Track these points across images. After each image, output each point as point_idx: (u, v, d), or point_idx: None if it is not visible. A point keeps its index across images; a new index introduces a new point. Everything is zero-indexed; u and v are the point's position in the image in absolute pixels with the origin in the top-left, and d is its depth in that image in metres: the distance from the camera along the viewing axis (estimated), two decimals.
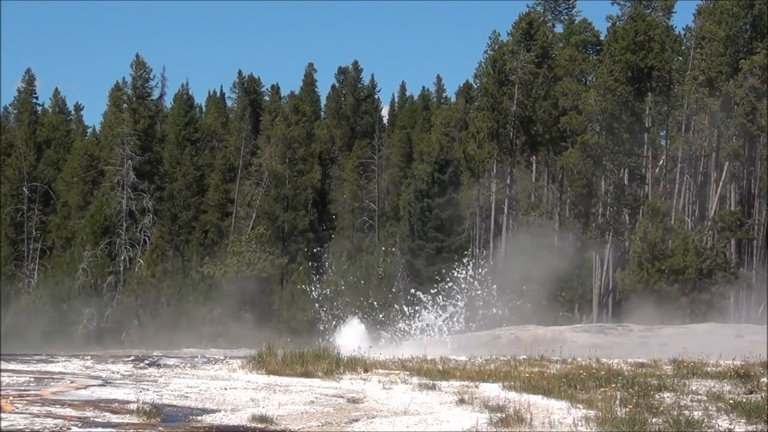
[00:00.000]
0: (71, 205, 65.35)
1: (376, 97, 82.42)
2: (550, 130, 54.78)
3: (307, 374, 15.32)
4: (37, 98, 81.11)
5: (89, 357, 22.43)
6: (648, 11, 58.74)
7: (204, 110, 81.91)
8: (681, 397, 11.70)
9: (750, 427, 9.44)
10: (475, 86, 64.19)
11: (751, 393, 11.93)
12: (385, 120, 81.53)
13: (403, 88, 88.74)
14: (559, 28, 66.51)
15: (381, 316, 32.06)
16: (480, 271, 31.85)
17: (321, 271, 48.11)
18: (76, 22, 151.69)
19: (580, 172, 52.40)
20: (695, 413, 9.88)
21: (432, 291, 31.30)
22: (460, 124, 65.79)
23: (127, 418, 10.13)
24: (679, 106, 55.56)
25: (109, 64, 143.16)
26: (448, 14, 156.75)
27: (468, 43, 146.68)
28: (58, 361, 20.02)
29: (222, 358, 21.78)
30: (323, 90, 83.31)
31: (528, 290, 39.11)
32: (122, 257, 56.71)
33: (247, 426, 9.82)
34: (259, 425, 9.82)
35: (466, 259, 33.07)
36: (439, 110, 74.75)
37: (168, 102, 79.46)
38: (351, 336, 29.29)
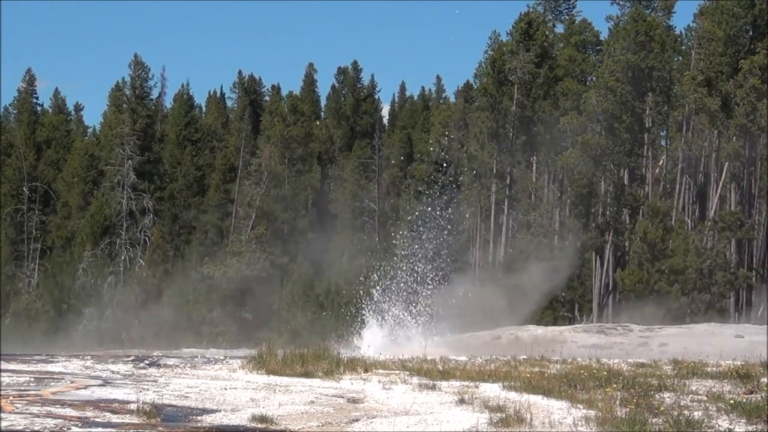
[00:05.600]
0: (71, 205, 65.32)
1: (376, 97, 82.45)
2: (550, 130, 54.78)
3: (307, 374, 15.31)
4: (37, 98, 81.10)
5: (89, 357, 22.42)
6: (648, 11, 58.72)
7: (204, 110, 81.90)
8: (681, 397, 11.70)
9: (750, 427, 9.44)
10: (475, 86, 64.21)
11: (751, 393, 11.93)
12: (385, 120, 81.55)
13: (403, 88, 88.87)
14: (559, 28, 66.51)
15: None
16: None
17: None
18: (76, 22, 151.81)
19: (580, 172, 52.40)
20: (695, 413, 9.88)
21: None
22: (459, 124, 65.79)
23: (127, 418, 10.13)
24: (679, 106, 55.56)
25: (109, 64, 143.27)
26: (448, 14, 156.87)
27: (468, 43, 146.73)
28: (58, 361, 20.01)
29: (222, 358, 21.78)
30: (323, 90, 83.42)
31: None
32: (122, 257, 56.69)
33: (247, 426, 9.82)
34: (259, 425, 9.82)
35: None
36: (438, 110, 74.75)
37: (168, 102, 79.52)
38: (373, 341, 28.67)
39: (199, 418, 10.38)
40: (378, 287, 30.34)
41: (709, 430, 9.25)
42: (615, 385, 12.41)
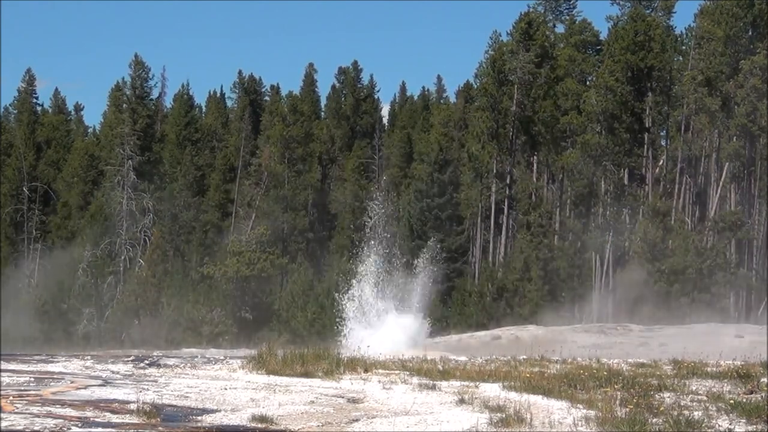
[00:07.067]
0: (71, 205, 65.31)
1: (376, 97, 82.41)
2: (550, 130, 54.79)
3: (307, 374, 15.31)
4: (37, 98, 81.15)
5: (89, 357, 22.44)
6: (648, 11, 58.74)
7: (204, 110, 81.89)
8: (681, 397, 11.70)
9: (750, 427, 9.43)
10: (476, 86, 64.21)
11: (751, 393, 11.93)
12: (385, 120, 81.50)
13: (403, 88, 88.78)
14: (559, 28, 66.55)
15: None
16: None
17: None
18: (76, 22, 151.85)
19: (581, 172, 52.40)
20: (695, 413, 9.88)
21: None
22: (459, 124, 65.77)
23: (127, 418, 10.13)
24: (679, 106, 55.57)
25: (109, 64, 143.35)
26: (448, 14, 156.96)
27: (468, 43, 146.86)
28: (58, 361, 20.01)
29: (222, 358, 21.79)
30: (323, 90, 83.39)
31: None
32: (122, 257, 56.67)
33: (247, 426, 9.82)
34: (259, 425, 9.82)
35: None
36: (438, 110, 74.73)
37: (168, 102, 79.54)
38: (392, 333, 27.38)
39: (199, 418, 10.38)
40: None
41: (709, 430, 9.25)
42: (615, 385, 12.41)
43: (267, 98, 79.65)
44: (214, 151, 71.72)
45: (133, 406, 10.78)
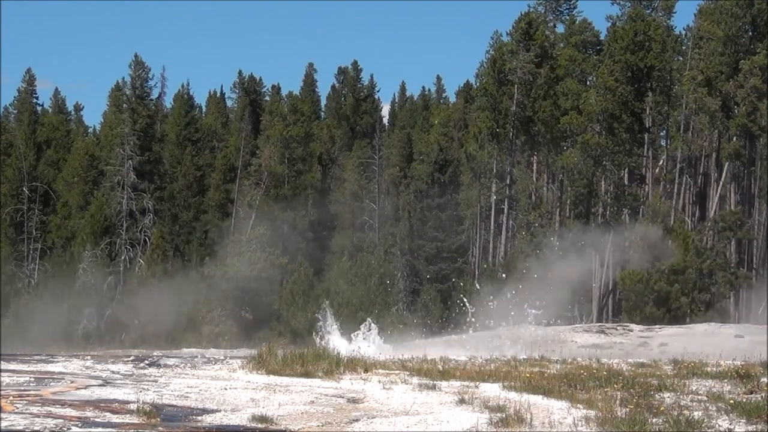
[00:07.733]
0: (71, 205, 65.28)
1: (376, 97, 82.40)
2: (550, 130, 54.80)
3: (307, 374, 15.31)
4: (37, 98, 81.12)
5: (89, 357, 22.44)
6: (648, 11, 58.74)
7: (204, 110, 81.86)
8: (681, 397, 11.70)
9: (750, 427, 9.44)
10: (476, 86, 64.24)
11: (752, 393, 11.93)
12: (385, 120, 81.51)
13: (403, 88, 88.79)
14: (560, 28, 66.56)
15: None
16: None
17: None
18: (76, 22, 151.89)
19: (580, 172, 52.38)
20: (695, 413, 9.88)
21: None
22: (459, 124, 65.78)
23: (127, 418, 10.13)
24: (679, 106, 55.58)
25: (109, 64, 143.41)
26: (448, 14, 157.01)
27: (468, 43, 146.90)
28: (58, 361, 20.01)
29: (222, 358, 21.79)
30: (323, 90, 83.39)
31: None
32: (122, 257, 56.68)
33: (247, 426, 9.82)
34: (259, 425, 9.82)
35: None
36: (438, 110, 74.73)
37: (168, 102, 79.51)
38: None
39: (199, 418, 10.38)
40: None
41: (709, 430, 9.25)
42: (615, 385, 12.41)
43: (267, 98, 79.62)
44: (214, 151, 71.66)
45: (133, 406, 10.79)
